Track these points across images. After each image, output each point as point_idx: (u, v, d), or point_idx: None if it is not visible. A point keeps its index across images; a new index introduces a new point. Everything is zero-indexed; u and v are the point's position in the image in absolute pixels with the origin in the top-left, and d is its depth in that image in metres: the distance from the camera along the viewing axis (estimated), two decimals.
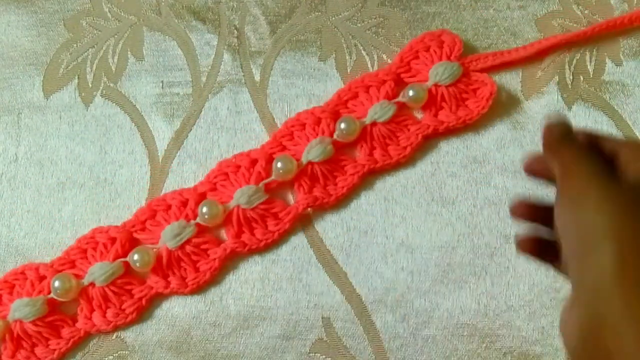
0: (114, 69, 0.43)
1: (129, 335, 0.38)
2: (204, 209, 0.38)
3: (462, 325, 0.38)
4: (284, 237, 0.39)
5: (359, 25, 0.43)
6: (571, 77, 0.42)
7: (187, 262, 0.38)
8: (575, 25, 0.43)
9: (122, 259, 0.38)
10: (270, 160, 0.40)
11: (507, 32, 0.43)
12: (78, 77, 0.43)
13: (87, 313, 0.37)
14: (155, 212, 0.39)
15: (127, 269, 0.38)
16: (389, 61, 0.43)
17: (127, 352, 0.38)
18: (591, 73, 0.42)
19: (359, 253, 0.39)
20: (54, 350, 0.37)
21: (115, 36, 0.44)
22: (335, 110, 0.41)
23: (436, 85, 0.40)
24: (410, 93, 0.40)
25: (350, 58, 0.43)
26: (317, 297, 0.39)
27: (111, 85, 0.43)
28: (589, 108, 0.41)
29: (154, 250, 0.38)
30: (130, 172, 0.41)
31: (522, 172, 0.40)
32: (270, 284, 0.39)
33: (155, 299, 0.38)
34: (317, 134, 0.40)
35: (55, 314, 0.37)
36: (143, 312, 0.38)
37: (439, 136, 0.41)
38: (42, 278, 0.38)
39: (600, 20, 0.43)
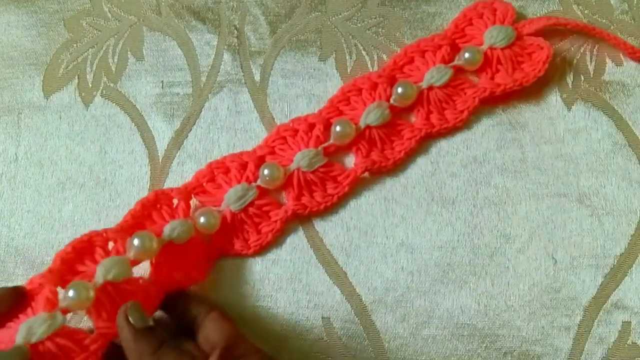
0: (114, 69, 0.43)
1: None
2: (266, 172, 0.38)
3: (462, 325, 0.38)
4: (284, 235, 0.39)
5: (359, 25, 0.43)
6: (571, 77, 0.42)
7: (249, 224, 0.38)
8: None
9: (189, 219, 0.36)
10: (327, 124, 0.40)
11: None
12: (78, 77, 0.43)
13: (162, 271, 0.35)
14: (215, 174, 0.39)
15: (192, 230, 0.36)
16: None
17: None
18: (591, 73, 0.42)
19: (359, 253, 0.39)
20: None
21: (115, 36, 0.44)
22: (391, 75, 0.41)
23: (491, 48, 0.41)
24: (466, 55, 0.40)
25: (350, 58, 0.43)
26: (317, 297, 0.39)
27: (111, 85, 0.43)
28: (589, 108, 0.41)
29: (219, 212, 0.38)
30: (130, 172, 0.41)
31: (522, 172, 0.40)
32: (270, 284, 0.39)
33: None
34: (374, 99, 0.40)
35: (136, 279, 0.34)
36: (207, 276, 0.37)
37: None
38: (114, 240, 0.35)
39: (600, 20, 0.43)
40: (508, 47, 0.41)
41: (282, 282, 0.39)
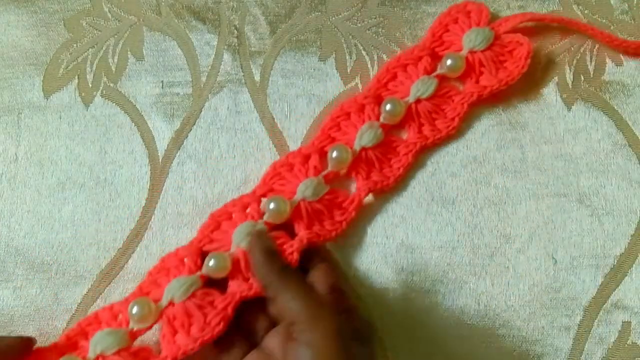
0: (114, 69, 0.43)
1: None
2: (272, 205, 0.37)
3: (462, 325, 0.38)
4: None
5: (359, 25, 0.43)
6: (571, 77, 0.42)
7: None
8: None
9: (199, 273, 0.35)
10: (322, 153, 0.39)
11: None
12: (78, 77, 0.43)
13: (169, 337, 0.34)
14: (219, 222, 0.38)
15: (205, 282, 0.35)
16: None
17: None
18: (591, 73, 0.42)
19: (359, 253, 0.39)
20: None
21: (115, 36, 0.44)
22: (377, 94, 0.41)
23: (472, 51, 0.41)
24: (448, 62, 0.40)
25: (350, 58, 0.43)
26: None
27: (111, 85, 0.43)
28: (589, 108, 0.41)
29: (229, 254, 0.36)
30: (130, 172, 0.41)
31: (522, 172, 0.40)
32: None
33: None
34: (363, 121, 0.40)
35: (138, 348, 0.34)
36: (229, 322, 0.34)
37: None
38: (116, 315, 0.35)
39: (600, 20, 0.43)
40: (488, 48, 0.41)
41: None
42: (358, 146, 0.39)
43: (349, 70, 0.42)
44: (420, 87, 0.40)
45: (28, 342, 0.34)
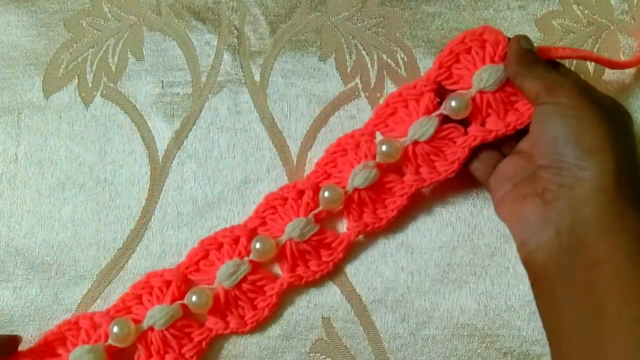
0: (114, 69, 0.43)
1: None
2: (257, 245, 0.37)
3: (462, 325, 0.38)
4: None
5: (359, 25, 0.43)
6: None
7: (244, 300, 0.37)
8: (575, 25, 0.43)
9: (180, 302, 0.37)
10: (317, 190, 0.39)
11: (507, 32, 0.43)
12: (78, 77, 0.43)
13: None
14: (208, 251, 0.38)
15: (185, 311, 0.37)
16: (389, 61, 0.43)
17: None
18: (591, 73, 0.42)
19: (359, 253, 0.39)
20: None
21: (115, 36, 0.44)
22: (374, 130, 0.39)
23: (481, 92, 0.37)
24: (453, 104, 0.37)
25: (350, 58, 0.43)
26: (317, 297, 0.39)
27: (111, 85, 0.43)
28: None
29: (211, 290, 0.37)
30: (130, 172, 0.41)
31: None
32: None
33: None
34: (360, 158, 0.38)
35: None
36: (202, 356, 0.37)
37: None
38: (97, 326, 0.37)
39: (600, 20, 0.43)
40: (499, 88, 0.37)
41: None
42: (351, 187, 0.38)
43: (349, 70, 0.42)
44: (418, 130, 0.37)
45: (14, 340, 0.35)
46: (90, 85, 0.43)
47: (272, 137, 0.41)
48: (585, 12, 0.43)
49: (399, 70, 0.42)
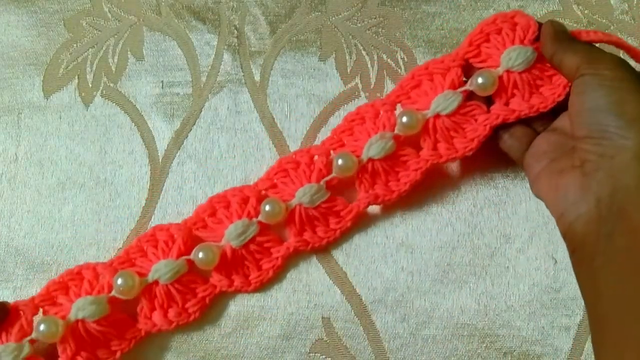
0: (114, 69, 0.43)
1: None
2: (267, 208, 0.37)
3: (462, 325, 0.38)
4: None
5: (359, 25, 0.43)
6: None
7: (250, 260, 0.38)
8: (575, 25, 0.43)
9: (186, 257, 0.37)
10: (329, 155, 0.38)
11: None
12: (78, 77, 0.43)
13: (147, 312, 0.37)
14: (216, 209, 0.38)
15: (190, 267, 0.37)
16: (389, 61, 0.43)
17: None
18: None
19: (359, 253, 0.39)
20: (115, 351, 0.36)
21: (115, 36, 0.44)
22: (396, 101, 0.39)
23: (508, 71, 0.37)
24: (479, 80, 0.37)
25: (350, 58, 0.43)
26: (317, 297, 0.39)
27: (111, 85, 0.43)
28: None
29: (218, 248, 0.37)
30: (130, 172, 0.41)
31: (522, 172, 0.40)
32: (270, 283, 0.39)
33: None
34: (377, 128, 0.38)
35: (116, 314, 0.37)
36: (205, 311, 0.38)
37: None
38: (100, 277, 0.37)
39: (600, 20, 0.43)
40: (526, 70, 0.37)
41: (282, 282, 0.39)
42: (365, 156, 0.38)
43: (349, 70, 0.42)
44: (441, 103, 0.37)
45: (1, 305, 0.36)
46: (90, 85, 0.43)
47: (272, 137, 0.41)
48: (585, 12, 0.43)
49: (399, 70, 0.42)
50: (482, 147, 0.40)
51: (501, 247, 0.39)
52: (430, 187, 0.40)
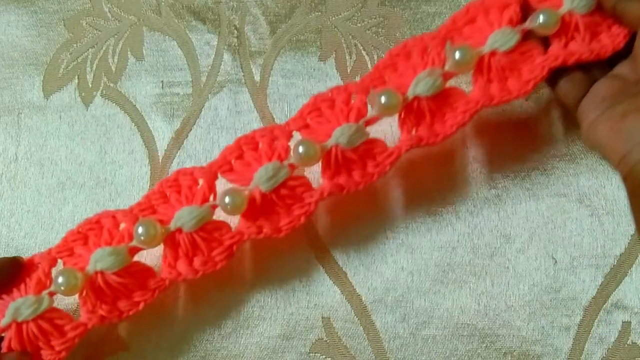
0: (114, 69, 0.43)
1: (128, 335, 0.38)
2: (301, 149, 0.34)
3: (462, 325, 0.38)
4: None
5: (359, 25, 0.43)
6: None
7: (280, 205, 0.35)
8: None
9: (212, 203, 0.34)
10: (368, 94, 0.36)
11: None
12: (78, 77, 0.43)
13: (171, 261, 0.34)
14: (243, 151, 0.36)
15: (207, 217, 0.35)
16: None
17: (126, 352, 0.38)
18: None
19: (359, 253, 0.39)
20: (139, 302, 0.34)
21: (115, 36, 0.44)
22: (448, 36, 0.36)
23: (571, 12, 0.35)
24: (541, 19, 0.35)
25: (350, 58, 0.43)
26: (317, 297, 0.39)
27: (111, 85, 0.43)
28: None
29: (246, 192, 0.34)
30: (130, 172, 0.41)
31: (522, 172, 0.40)
32: (270, 284, 0.39)
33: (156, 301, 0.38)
34: (425, 64, 0.35)
35: (138, 264, 0.34)
36: (231, 259, 0.35)
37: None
38: (119, 224, 0.35)
39: None
40: (588, 14, 0.35)
41: (282, 282, 0.39)
42: (412, 94, 0.34)
43: (349, 71, 0.42)
44: (499, 38, 0.34)
45: (15, 261, 0.35)
46: (90, 85, 0.43)
47: None
48: None
49: None
50: (482, 147, 0.41)
51: (501, 247, 0.39)
52: (430, 187, 0.40)
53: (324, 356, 0.38)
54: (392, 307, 0.38)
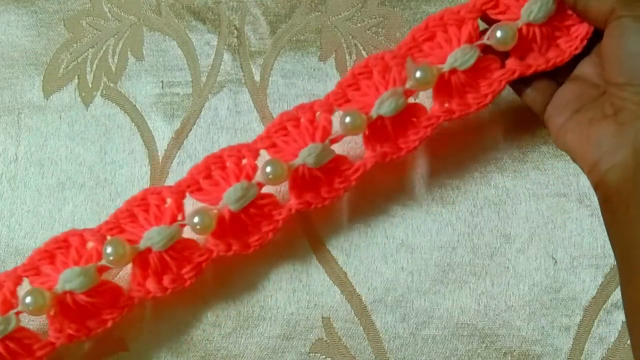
0: (114, 69, 0.43)
1: (128, 335, 0.38)
2: (268, 169, 0.35)
3: (462, 325, 0.38)
4: (283, 234, 0.39)
5: (359, 25, 0.43)
6: None
7: (250, 224, 0.36)
8: None
9: (181, 222, 0.35)
10: (333, 112, 0.36)
11: None
12: (78, 77, 0.43)
13: (140, 279, 0.35)
14: (211, 170, 0.36)
15: (177, 236, 0.35)
16: None
17: (126, 352, 0.38)
18: None
19: (359, 253, 0.39)
20: (107, 320, 0.34)
21: (115, 36, 0.44)
22: (408, 54, 0.37)
23: (528, 24, 0.35)
24: (498, 34, 0.35)
25: (350, 58, 0.43)
26: (317, 297, 0.39)
27: (111, 85, 0.43)
28: None
29: (215, 212, 0.35)
30: (130, 172, 0.41)
31: (522, 172, 0.40)
32: (270, 284, 0.39)
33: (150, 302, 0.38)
34: (387, 83, 0.36)
35: (106, 283, 0.35)
36: (200, 276, 0.36)
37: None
38: (86, 243, 0.35)
39: None
40: (546, 22, 0.35)
41: (282, 282, 0.39)
42: (375, 114, 0.35)
43: (349, 70, 0.42)
44: (459, 57, 0.35)
45: None
46: (90, 85, 0.43)
47: None
48: None
49: None
50: (482, 147, 0.41)
51: (501, 247, 0.39)
52: (430, 187, 0.40)
53: (324, 356, 0.38)
54: (392, 307, 0.38)
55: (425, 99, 0.38)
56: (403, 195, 0.40)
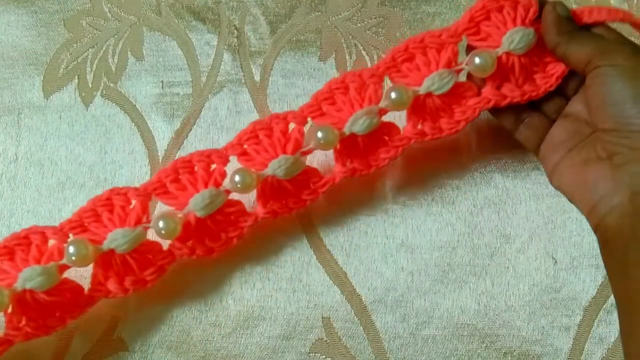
0: (114, 69, 0.43)
1: (128, 335, 0.38)
2: (237, 178, 0.35)
3: (462, 325, 0.38)
4: (283, 234, 0.39)
5: (359, 25, 0.43)
6: None
7: (215, 230, 0.36)
8: None
9: (145, 225, 0.34)
10: (306, 124, 0.37)
11: None
12: (78, 77, 0.43)
13: (101, 279, 0.35)
14: (179, 174, 0.36)
15: (140, 239, 0.35)
16: None
17: (126, 352, 0.38)
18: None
19: (359, 253, 0.39)
20: (65, 318, 0.34)
21: (115, 36, 0.44)
22: (385, 73, 0.37)
23: (508, 53, 0.35)
24: (477, 61, 0.35)
25: (350, 58, 0.43)
26: (317, 297, 0.39)
27: (111, 85, 0.43)
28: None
29: (180, 216, 0.35)
30: (130, 172, 0.41)
31: (522, 172, 0.40)
32: (270, 284, 0.39)
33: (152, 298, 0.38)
34: (362, 101, 0.36)
35: (67, 282, 0.34)
36: (162, 277, 0.36)
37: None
38: (48, 241, 0.34)
39: None
40: (525, 54, 0.36)
41: (282, 282, 0.39)
42: (348, 131, 0.35)
43: (348, 71, 0.42)
44: (436, 82, 0.35)
45: None
46: (90, 85, 0.43)
47: None
48: None
49: None
50: (481, 147, 0.41)
51: (501, 247, 0.39)
52: (430, 187, 0.40)
53: (324, 356, 0.38)
54: (392, 307, 0.38)
55: (398, 115, 0.38)
56: (403, 196, 0.40)
